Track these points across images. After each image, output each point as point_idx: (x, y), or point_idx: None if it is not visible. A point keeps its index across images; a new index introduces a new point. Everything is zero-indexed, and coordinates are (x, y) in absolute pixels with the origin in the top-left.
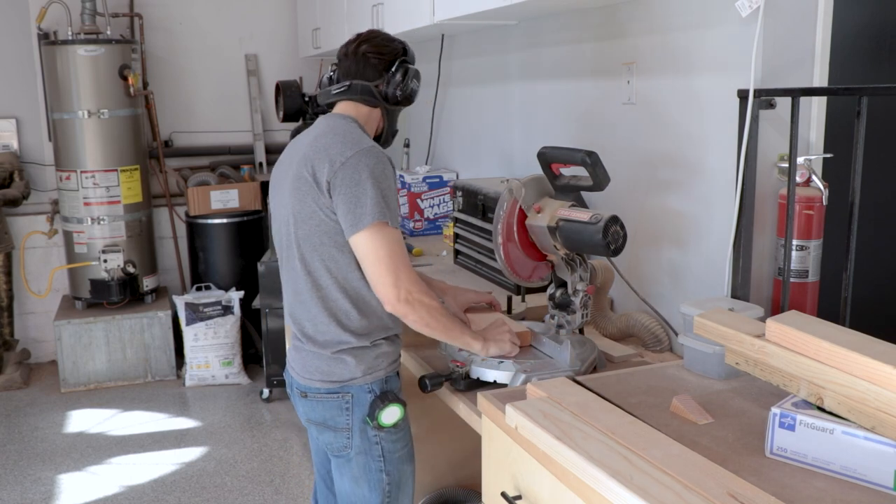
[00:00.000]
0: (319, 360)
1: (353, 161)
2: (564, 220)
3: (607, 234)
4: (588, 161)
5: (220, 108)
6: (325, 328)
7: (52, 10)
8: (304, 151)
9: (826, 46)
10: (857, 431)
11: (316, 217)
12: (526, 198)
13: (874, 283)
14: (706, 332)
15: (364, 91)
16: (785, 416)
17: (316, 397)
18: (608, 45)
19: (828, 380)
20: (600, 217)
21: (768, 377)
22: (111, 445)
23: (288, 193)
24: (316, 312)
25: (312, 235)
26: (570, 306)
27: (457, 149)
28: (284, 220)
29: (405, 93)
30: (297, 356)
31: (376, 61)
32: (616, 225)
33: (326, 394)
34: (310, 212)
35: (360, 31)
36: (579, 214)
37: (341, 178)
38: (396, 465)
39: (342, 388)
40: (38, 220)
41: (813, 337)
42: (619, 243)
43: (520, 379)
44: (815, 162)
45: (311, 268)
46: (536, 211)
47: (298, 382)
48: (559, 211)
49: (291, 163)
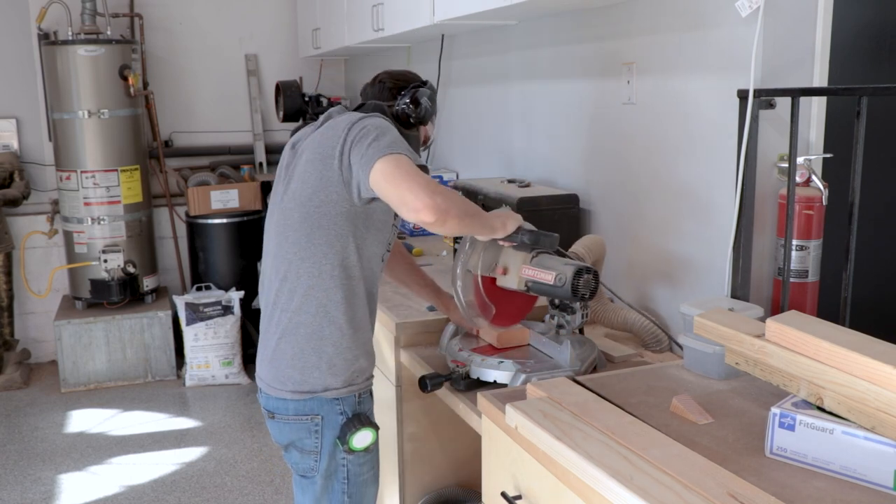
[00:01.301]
0: (292, 364)
1: (364, 121)
2: (532, 282)
3: (577, 290)
4: (525, 241)
5: (220, 108)
6: (310, 319)
7: (52, 10)
8: (315, 138)
9: (826, 46)
10: (857, 431)
11: (325, 192)
12: (485, 266)
13: (874, 283)
14: (706, 332)
15: (376, 109)
16: (785, 416)
17: (284, 419)
18: (608, 45)
19: (828, 380)
20: (564, 278)
21: (768, 377)
22: (111, 445)
23: (293, 178)
24: (302, 301)
25: (322, 216)
26: (570, 306)
27: (457, 149)
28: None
29: (417, 113)
30: (269, 366)
31: (391, 85)
32: (582, 277)
33: (295, 416)
34: (319, 187)
35: (360, 31)
36: (544, 276)
37: (354, 133)
38: (359, 488)
39: (312, 405)
40: (38, 220)
41: (813, 337)
42: (592, 288)
43: (520, 379)
44: (815, 162)
45: (310, 252)
46: (502, 273)
47: (266, 397)
48: (523, 271)
49: (300, 150)
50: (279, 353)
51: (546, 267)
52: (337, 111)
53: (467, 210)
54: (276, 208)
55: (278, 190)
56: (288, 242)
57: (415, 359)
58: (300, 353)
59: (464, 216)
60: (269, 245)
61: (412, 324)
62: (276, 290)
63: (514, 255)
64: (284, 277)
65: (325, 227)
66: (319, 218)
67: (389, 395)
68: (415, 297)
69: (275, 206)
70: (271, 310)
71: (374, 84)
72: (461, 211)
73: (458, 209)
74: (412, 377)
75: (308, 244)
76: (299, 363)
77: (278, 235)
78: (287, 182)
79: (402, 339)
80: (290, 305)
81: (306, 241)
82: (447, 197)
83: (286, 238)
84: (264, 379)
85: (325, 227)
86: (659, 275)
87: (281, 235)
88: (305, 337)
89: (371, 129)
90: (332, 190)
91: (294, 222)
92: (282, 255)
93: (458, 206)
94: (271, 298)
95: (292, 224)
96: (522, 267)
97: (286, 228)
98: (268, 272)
